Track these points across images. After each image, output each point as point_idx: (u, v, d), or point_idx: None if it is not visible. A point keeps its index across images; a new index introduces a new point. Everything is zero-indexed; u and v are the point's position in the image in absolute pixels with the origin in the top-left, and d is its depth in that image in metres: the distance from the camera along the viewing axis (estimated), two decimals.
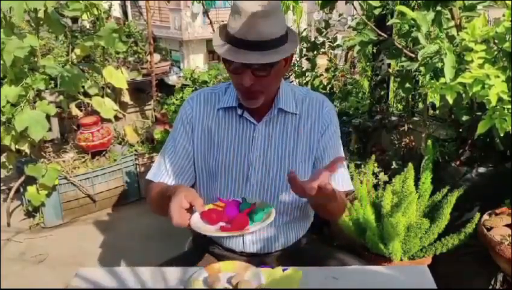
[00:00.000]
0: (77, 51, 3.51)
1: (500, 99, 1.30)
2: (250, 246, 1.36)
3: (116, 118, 3.63)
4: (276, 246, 1.38)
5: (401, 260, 1.97)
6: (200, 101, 1.35)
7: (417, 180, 2.08)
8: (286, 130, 1.32)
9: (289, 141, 1.32)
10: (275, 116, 1.31)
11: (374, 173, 2.33)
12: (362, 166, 2.41)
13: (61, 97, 3.41)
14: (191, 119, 1.34)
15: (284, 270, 1.13)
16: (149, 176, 1.37)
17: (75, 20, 4.49)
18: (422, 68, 1.73)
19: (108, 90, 3.60)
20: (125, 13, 8.19)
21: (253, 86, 1.18)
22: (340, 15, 3.66)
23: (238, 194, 1.31)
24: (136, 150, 3.68)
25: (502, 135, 1.37)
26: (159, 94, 4.31)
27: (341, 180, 1.33)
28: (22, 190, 3.29)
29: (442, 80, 1.45)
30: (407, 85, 2.38)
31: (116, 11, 6.98)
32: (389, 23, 2.14)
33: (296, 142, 1.32)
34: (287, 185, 1.29)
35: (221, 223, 1.09)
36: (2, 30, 2.65)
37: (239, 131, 1.32)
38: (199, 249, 1.44)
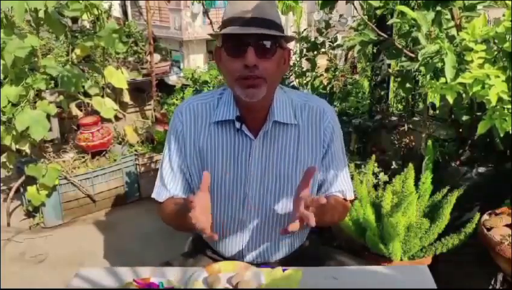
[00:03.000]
0: (77, 51, 3.51)
1: (500, 99, 1.30)
2: (249, 257, 1.34)
3: (116, 118, 3.63)
4: (276, 257, 1.36)
5: (401, 260, 1.97)
6: (190, 115, 1.27)
7: (417, 180, 2.08)
8: (284, 145, 1.25)
9: (288, 156, 1.25)
10: (271, 129, 1.23)
11: (374, 173, 2.33)
12: (362, 166, 2.41)
13: (61, 97, 3.41)
14: (183, 135, 1.27)
15: (284, 270, 1.13)
16: (154, 195, 1.33)
17: (75, 20, 4.49)
18: (422, 68, 1.72)
19: (109, 90, 3.60)
20: (125, 13, 8.20)
21: (256, 69, 1.11)
22: (340, 15, 3.67)
23: (236, 216, 1.28)
24: (136, 150, 3.68)
25: (502, 135, 1.37)
26: (159, 94, 4.31)
27: (346, 188, 1.33)
28: (22, 190, 3.29)
29: (442, 80, 1.45)
30: (407, 85, 2.38)
31: (116, 11, 6.99)
32: (389, 23, 2.14)
33: (296, 157, 1.25)
34: (285, 201, 1.26)
35: None
36: (2, 30, 2.65)
37: (234, 149, 1.24)
38: (199, 251, 1.44)
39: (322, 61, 3.70)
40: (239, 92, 1.15)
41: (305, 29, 3.64)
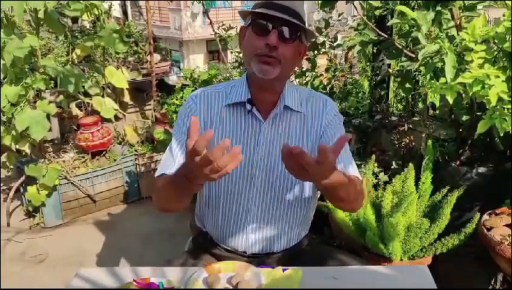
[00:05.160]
0: (77, 51, 3.51)
1: (500, 99, 1.30)
2: (253, 246, 1.36)
3: (116, 118, 3.63)
4: (278, 246, 1.38)
5: (401, 260, 1.97)
6: (204, 100, 1.33)
7: (417, 180, 2.08)
8: (291, 129, 1.32)
9: (294, 139, 1.32)
10: (281, 113, 1.30)
11: (374, 173, 2.33)
12: (362, 166, 2.41)
13: (61, 97, 3.41)
14: (196, 114, 1.31)
15: (284, 270, 1.13)
16: (157, 172, 1.31)
17: (75, 20, 4.50)
18: (422, 68, 1.73)
19: (109, 90, 3.60)
20: (125, 13, 8.20)
21: (275, 50, 1.19)
22: (340, 15, 3.66)
23: (242, 195, 1.31)
24: (136, 150, 3.68)
25: (502, 134, 1.37)
26: (159, 94, 4.31)
27: (351, 166, 1.31)
28: (22, 190, 3.29)
29: (442, 80, 1.45)
30: (407, 85, 2.38)
31: (116, 11, 7.00)
32: (389, 23, 2.14)
33: (301, 141, 1.32)
34: (290, 185, 1.31)
35: None
36: (2, 30, 2.65)
37: (244, 130, 1.30)
38: (199, 250, 1.45)
39: (322, 61, 3.70)
40: (255, 67, 1.22)
41: None
